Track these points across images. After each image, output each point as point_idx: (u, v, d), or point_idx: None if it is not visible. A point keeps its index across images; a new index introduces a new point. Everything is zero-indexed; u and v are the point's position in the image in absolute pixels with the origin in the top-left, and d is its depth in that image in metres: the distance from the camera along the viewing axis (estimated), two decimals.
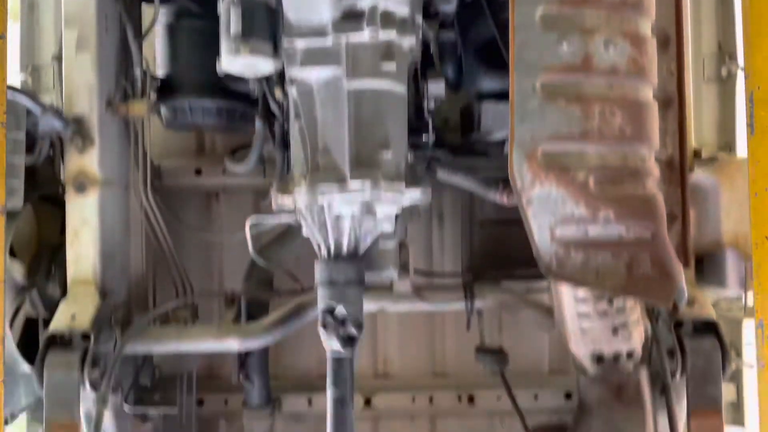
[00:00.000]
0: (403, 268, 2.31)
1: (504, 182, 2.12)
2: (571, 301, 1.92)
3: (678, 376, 2.17)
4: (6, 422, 2.37)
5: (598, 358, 2.00)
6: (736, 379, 2.98)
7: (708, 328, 2.19)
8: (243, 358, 2.63)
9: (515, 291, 2.50)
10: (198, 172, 2.85)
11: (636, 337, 1.98)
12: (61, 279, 2.44)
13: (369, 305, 2.45)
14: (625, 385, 1.96)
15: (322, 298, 1.92)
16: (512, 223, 1.86)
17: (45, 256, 2.49)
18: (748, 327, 1.87)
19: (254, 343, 2.47)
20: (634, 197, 1.67)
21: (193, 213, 2.96)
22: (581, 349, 2.01)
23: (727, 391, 2.96)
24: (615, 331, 1.96)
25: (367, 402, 2.93)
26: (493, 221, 2.77)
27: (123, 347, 2.27)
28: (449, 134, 2.62)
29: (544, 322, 2.42)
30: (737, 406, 2.91)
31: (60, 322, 2.24)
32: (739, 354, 3.01)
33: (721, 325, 2.19)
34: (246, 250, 2.59)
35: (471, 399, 2.94)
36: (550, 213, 1.64)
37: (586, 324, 1.98)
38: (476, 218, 2.81)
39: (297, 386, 2.96)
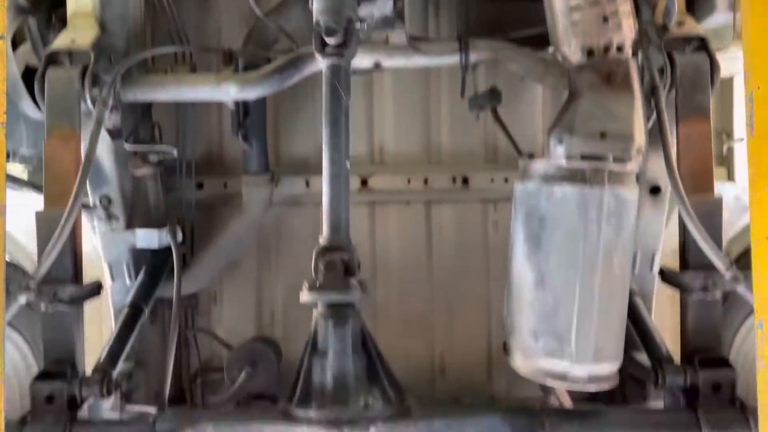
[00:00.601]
0: (399, 17, 2.35)
1: None
2: None
3: (667, 89, 2.21)
4: (8, 157, 2.43)
5: (589, 52, 2.03)
6: (727, 161, 3.03)
7: (697, 44, 2.23)
8: (241, 118, 2.66)
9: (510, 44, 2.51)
10: None
11: (626, 30, 2.01)
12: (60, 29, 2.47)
13: (364, 59, 2.48)
14: (615, 72, 1.99)
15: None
16: None
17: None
18: (738, 57, 1.90)
19: (252, 92, 2.50)
20: None
21: None
22: (572, 47, 2.04)
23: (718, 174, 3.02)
24: (605, 19, 2.00)
25: (364, 183, 2.98)
26: None
27: (122, 68, 2.31)
28: None
29: (539, 71, 2.44)
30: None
31: (60, 42, 2.28)
32: (730, 135, 3.06)
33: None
34: (246, 9, 2.66)
35: (465, 181, 2.98)
36: None
37: (577, 16, 2.01)
38: None
39: (295, 171, 3.01)
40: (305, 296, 2.03)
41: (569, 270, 1.93)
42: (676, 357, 2.20)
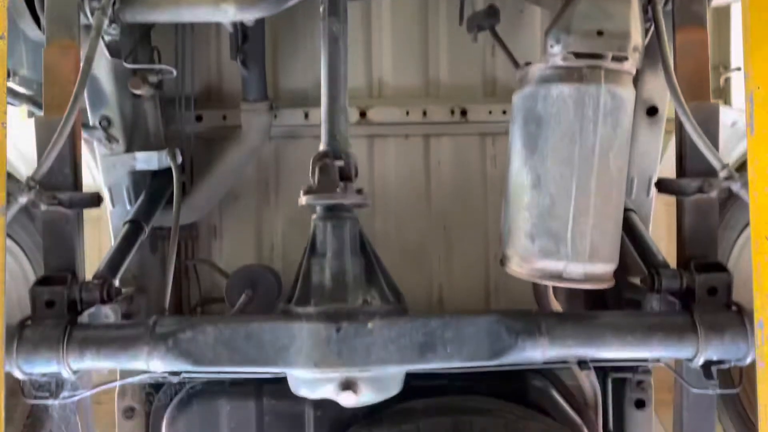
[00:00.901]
0: None
1: None
2: None
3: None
4: (8, 76, 2.43)
5: None
6: (725, 93, 3.04)
7: None
8: (240, 43, 2.67)
9: None
10: None
11: None
12: None
13: None
14: None
15: None
16: None
17: None
18: None
19: (251, 13, 2.48)
20: None
21: None
22: None
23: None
24: None
25: (362, 115, 2.99)
26: None
27: None
28: None
29: None
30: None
31: None
32: (727, 68, 3.07)
33: None
34: None
35: (464, 113, 2.99)
36: None
37: None
38: None
39: (294, 104, 3.02)
40: (303, 200, 2.04)
41: (565, 169, 1.94)
42: None
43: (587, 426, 2.44)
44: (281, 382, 2.15)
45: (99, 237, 3.22)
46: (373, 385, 1.93)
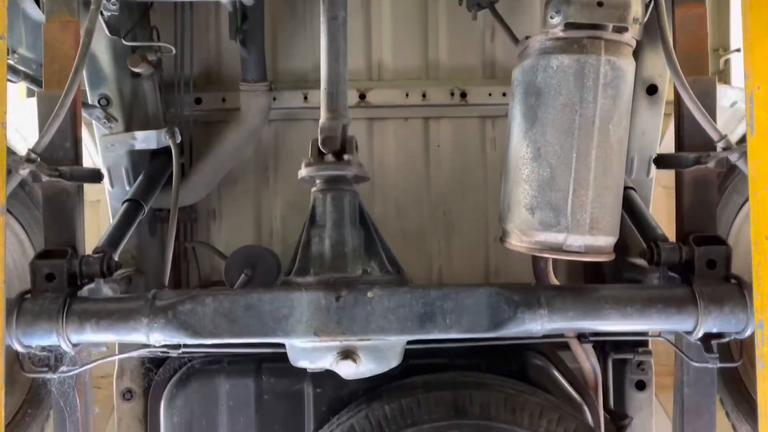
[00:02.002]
0: None
1: None
2: None
3: None
4: (7, 53, 2.43)
5: None
6: (724, 75, 3.05)
7: None
8: (239, 23, 2.67)
9: None
10: None
11: None
12: None
13: None
14: None
15: None
16: None
17: None
18: None
19: None
20: None
21: None
22: None
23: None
24: None
25: (362, 97, 2.99)
26: None
27: None
28: None
29: None
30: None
31: None
32: (726, 49, 3.08)
33: None
34: None
35: (463, 95, 2.99)
36: None
37: None
38: None
39: (293, 86, 3.02)
40: (303, 171, 2.04)
41: (566, 141, 1.94)
42: None
43: (588, 406, 2.43)
44: (280, 360, 2.15)
45: (98, 221, 3.22)
46: (373, 355, 1.93)
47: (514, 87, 2.08)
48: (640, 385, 2.68)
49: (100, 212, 3.19)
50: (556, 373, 2.45)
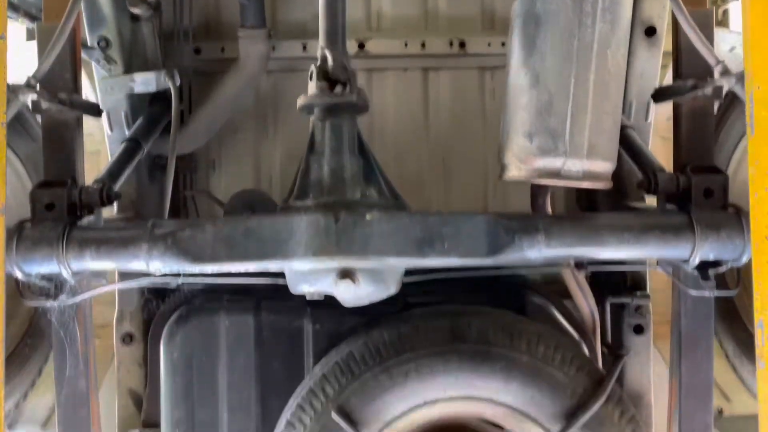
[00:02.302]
0: None
1: None
2: None
3: None
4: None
5: None
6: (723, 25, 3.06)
7: None
8: None
9: None
10: None
11: None
12: None
13: None
14: None
15: None
16: None
17: None
18: None
19: None
20: None
21: None
22: None
23: None
24: None
25: (361, 47, 2.99)
26: None
27: None
28: None
29: None
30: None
31: None
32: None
33: None
34: None
35: (462, 45, 2.99)
36: None
37: None
38: None
39: (292, 36, 3.02)
40: (301, 101, 2.05)
41: (564, 66, 1.95)
42: None
43: (586, 344, 2.45)
44: (279, 296, 2.16)
45: (98, 172, 3.22)
46: (371, 277, 1.94)
47: (513, 20, 2.09)
48: (638, 329, 2.70)
49: (100, 163, 3.19)
50: (555, 312, 2.46)
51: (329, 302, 2.04)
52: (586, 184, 2.01)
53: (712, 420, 2.23)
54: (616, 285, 2.69)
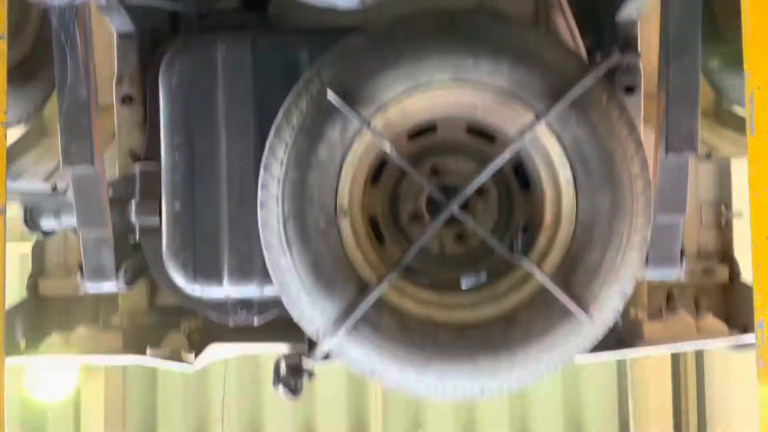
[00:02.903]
0: None
1: None
2: None
3: None
4: None
5: None
6: None
7: None
8: None
9: None
10: None
11: None
12: None
13: None
14: None
15: None
16: None
17: None
18: None
19: None
20: None
21: None
22: None
23: None
24: None
25: None
26: None
27: None
28: None
29: None
30: None
31: None
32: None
33: None
34: None
35: None
36: None
37: None
38: None
39: None
40: None
41: None
42: None
43: None
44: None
45: None
46: None
47: None
48: (629, 89, 2.71)
49: None
50: None
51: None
52: None
53: (698, 127, 2.26)
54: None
